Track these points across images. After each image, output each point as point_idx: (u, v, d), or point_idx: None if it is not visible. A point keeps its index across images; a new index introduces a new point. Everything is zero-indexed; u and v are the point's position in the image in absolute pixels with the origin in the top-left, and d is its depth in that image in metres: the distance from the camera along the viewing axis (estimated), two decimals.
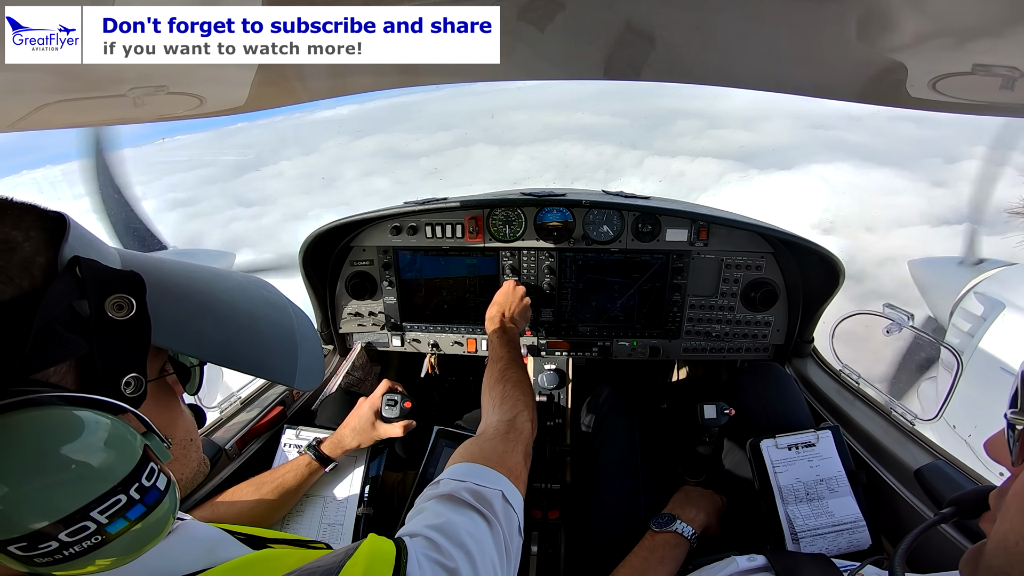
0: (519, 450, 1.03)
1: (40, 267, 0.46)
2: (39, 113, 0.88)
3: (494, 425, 1.12)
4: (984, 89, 0.97)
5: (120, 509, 0.45)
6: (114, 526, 0.45)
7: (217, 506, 1.36)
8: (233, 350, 0.60)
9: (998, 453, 0.52)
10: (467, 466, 0.89)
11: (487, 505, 0.80)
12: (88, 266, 0.48)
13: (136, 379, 0.51)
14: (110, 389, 0.49)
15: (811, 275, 1.85)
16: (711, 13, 0.98)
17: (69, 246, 0.48)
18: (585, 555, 1.47)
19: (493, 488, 0.84)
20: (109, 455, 0.45)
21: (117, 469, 0.45)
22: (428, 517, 0.75)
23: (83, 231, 0.52)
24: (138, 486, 0.47)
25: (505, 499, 0.84)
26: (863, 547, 1.33)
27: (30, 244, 0.46)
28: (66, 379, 0.47)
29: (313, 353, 0.69)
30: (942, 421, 1.53)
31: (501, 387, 1.25)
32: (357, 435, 1.53)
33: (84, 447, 0.44)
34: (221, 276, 0.68)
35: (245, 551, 0.66)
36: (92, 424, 0.45)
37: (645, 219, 1.90)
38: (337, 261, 2.02)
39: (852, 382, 1.78)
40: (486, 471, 0.88)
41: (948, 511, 0.61)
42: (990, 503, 0.54)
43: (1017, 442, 0.46)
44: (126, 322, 0.49)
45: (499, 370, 1.32)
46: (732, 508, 1.52)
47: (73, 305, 0.47)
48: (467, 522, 0.75)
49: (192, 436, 0.66)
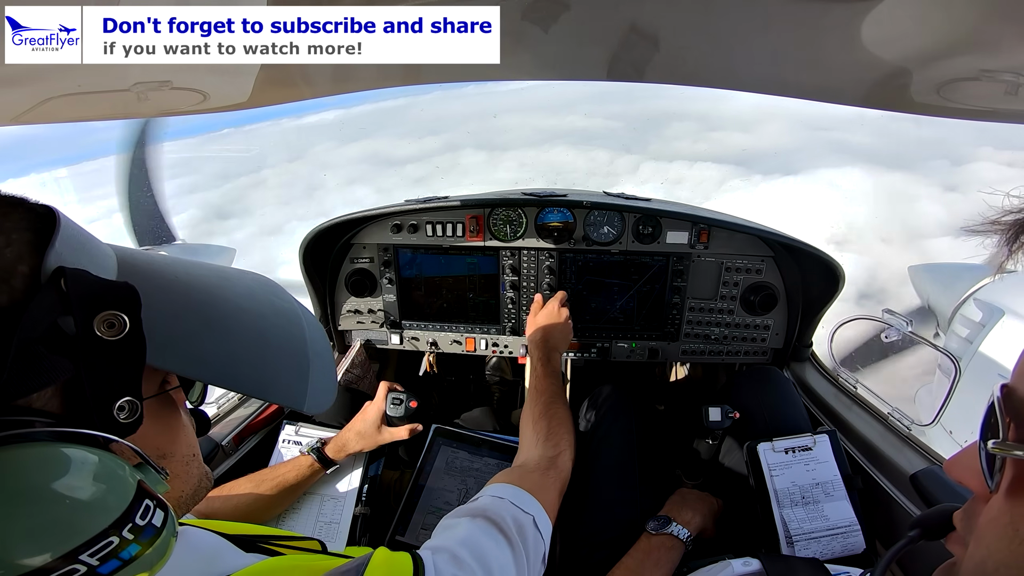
0: (556, 488, 1.05)
1: (22, 277, 0.41)
2: (44, 107, 0.87)
3: (536, 460, 1.12)
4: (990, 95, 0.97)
5: (113, 551, 0.41)
6: (106, 567, 0.41)
7: (212, 500, 1.35)
8: (238, 371, 0.55)
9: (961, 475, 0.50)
10: (507, 487, 0.91)
11: (518, 529, 0.80)
12: (75, 278, 0.42)
13: (130, 403, 0.46)
14: (101, 415, 0.44)
15: (811, 280, 1.85)
16: (716, 16, 0.98)
17: (56, 252, 0.43)
18: (580, 556, 1.48)
19: (527, 512, 0.86)
20: (99, 495, 0.42)
21: (108, 510, 0.42)
22: (458, 534, 0.76)
23: (74, 230, 0.47)
24: (132, 526, 0.43)
25: (536, 526, 0.86)
26: (857, 551, 1.34)
27: (11, 250, 0.41)
28: (51, 404, 0.43)
29: (326, 372, 0.64)
30: (939, 426, 1.54)
31: (546, 423, 1.24)
32: (362, 439, 1.53)
33: (72, 487, 0.40)
34: (228, 280, 0.62)
35: (245, 560, 0.65)
36: (79, 462, 0.41)
37: (646, 221, 1.90)
38: (337, 258, 2.02)
39: (850, 387, 1.79)
40: (524, 495, 0.90)
41: (914, 533, 0.61)
42: (955, 524, 0.53)
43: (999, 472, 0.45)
44: (118, 342, 0.44)
45: (543, 403, 1.30)
46: (728, 511, 1.52)
47: (57, 322, 0.41)
48: (493, 546, 0.76)
49: (194, 451, 0.61)
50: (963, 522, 0.52)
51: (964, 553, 0.49)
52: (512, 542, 0.78)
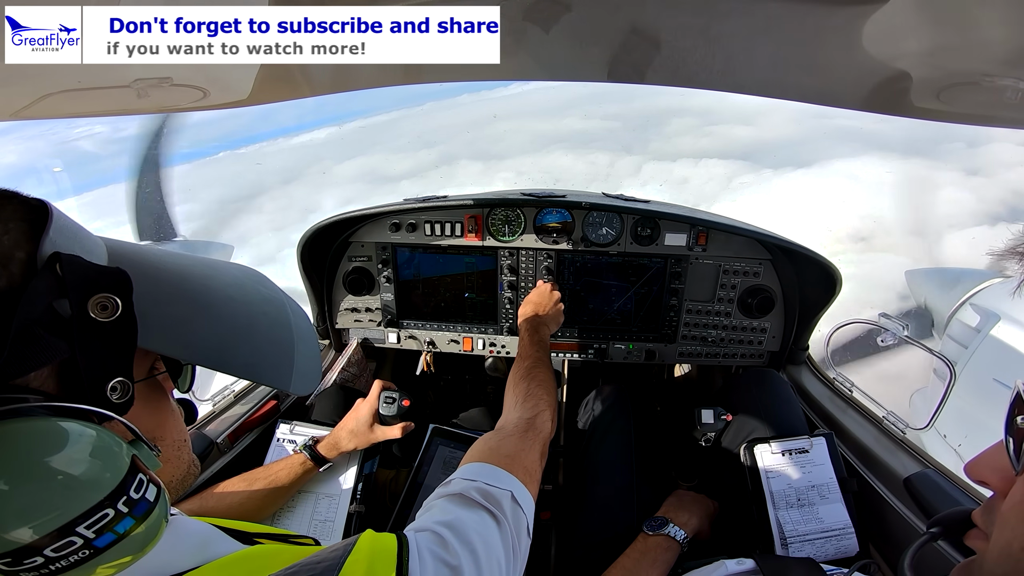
0: (536, 449, 1.04)
1: (19, 263, 0.43)
2: (42, 103, 0.87)
3: (514, 422, 1.12)
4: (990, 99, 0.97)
5: (108, 523, 0.43)
6: (102, 540, 0.43)
7: (207, 499, 1.35)
8: (227, 353, 0.57)
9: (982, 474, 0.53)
10: (479, 466, 0.90)
11: (496, 505, 0.80)
12: (69, 262, 0.44)
13: (122, 383, 0.48)
14: (95, 395, 0.46)
15: (808, 283, 1.86)
16: (717, 19, 0.99)
17: (50, 240, 0.45)
18: (577, 555, 1.48)
19: (503, 488, 0.85)
20: (94, 468, 0.43)
21: (103, 483, 0.43)
22: (436, 514, 0.75)
23: (66, 221, 0.49)
24: (126, 499, 0.45)
25: (514, 500, 0.85)
26: (850, 554, 1.34)
27: (8, 237, 0.43)
28: (47, 384, 0.45)
29: (310, 355, 0.66)
30: (933, 430, 1.55)
31: (526, 384, 1.25)
32: (354, 437, 1.52)
33: (68, 461, 0.42)
34: (217, 269, 0.65)
35: (236, 547, 0.65)
36: (76, 436, 0.43)
37: (644, 223, 1.90)
38: (335, 256, 2.02)
39: (845, 390, 1.80)
40: (498, 471, 0.89)
41: (935, 531, 0.62)
42: (975, 521, 0.55)
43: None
44: (111, 323, 0.46)
45: (526, 368, 1.32)
46: (724, 512, 1.52)
47: (53, 305, 0.44)
48: (476, 520, 0.75)
49: (184, 437, 0.63)
50: (984, 517, 0.54)
51: (986, 547, 0.51)
52: (495, 515, 0.78)
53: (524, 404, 1.18)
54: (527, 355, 1.40)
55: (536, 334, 1.52)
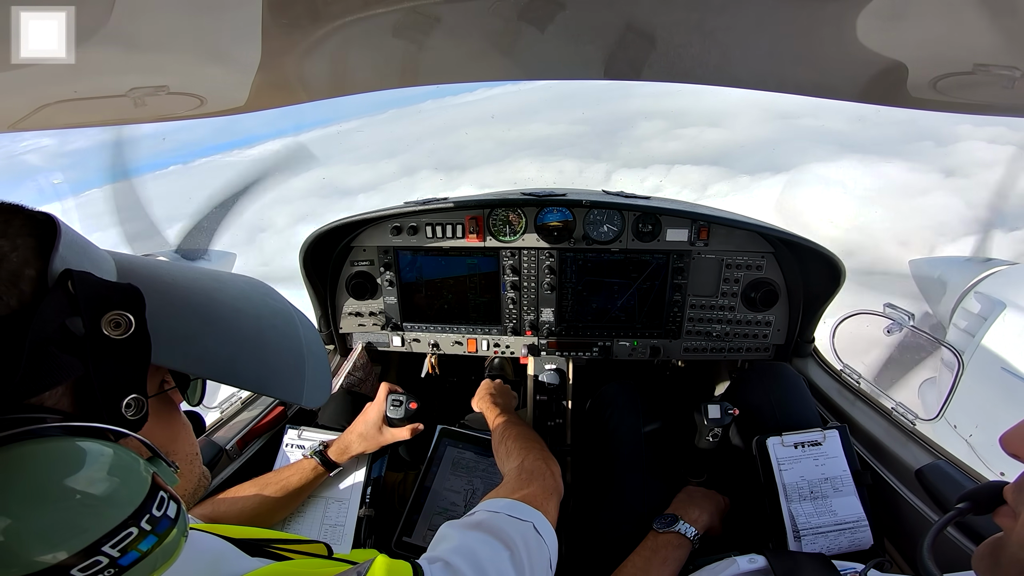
0: (535, 484, 1.09)
1: (29, 281, 0.42)
2: (40, 113, 0.87)
3: (514, 475, 1.18)
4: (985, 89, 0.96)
5: (132, 541, 0.43)
6: (126, 558, 0.43)
7: (218, 504, 1.35)
8: (237, 367, 0.56)
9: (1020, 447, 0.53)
10: (502, 501, 0.94)
11: (511, 535, 0.82)
12: (82, 280, 0.43)
13: (137, 400, 0.47)
14: (110, 412, 0.46)
15: (812, 275, 1.85)
16: (712, 13, 0.98)
17: (60, 256, 0.44)
18: (587, 555, 1.47)
19: (525, 520, 0.88)
20: (117, 487, 0.43)
21: (127, 502, 0.43)
22: (451, 544, 0.77)
23: (74, 236, 0.48)
24: (149, 517, 0.44)
25: (536, 531, 0.88)
26: (864, 547, 1.33)
27: (17, 255, 0.42)
28: (62, 402, 0.44)
29: (321, 367, 0.66)
30: (943, 421, 1.53)
31: (504, 446, 1.33)
32: (364, 441, 1.53)
33: (91, 480, 0.42)
34: (224, 283, 0.64)
35: (249, 565, 0.65)
36: (96, 455, 0.43)
37: (645, 219, 1.90)
38: (337, 261, 2.02)
39: (853, 382, 1.78)
40: (519, 505, 0.93)
41: (964, 506, 0.61)
42: (1006, 498, 0.54)
43: None
44: (124, 341, 0.45)
45: (499, 433, 1.40)
46: (735, 507, 1.51)
47: (66, 323, 0.43)
48: (489, 552, 0.77)
49: (195, 450, 0.63)
50: (1015, 494, 0.53)
51: (1014, 525, 0.51)
52: (511, 547, 0.79)
53: (508, 460, 1.26)
54: (494, 424, 1.49)
55: (494, 406, 1.59)
